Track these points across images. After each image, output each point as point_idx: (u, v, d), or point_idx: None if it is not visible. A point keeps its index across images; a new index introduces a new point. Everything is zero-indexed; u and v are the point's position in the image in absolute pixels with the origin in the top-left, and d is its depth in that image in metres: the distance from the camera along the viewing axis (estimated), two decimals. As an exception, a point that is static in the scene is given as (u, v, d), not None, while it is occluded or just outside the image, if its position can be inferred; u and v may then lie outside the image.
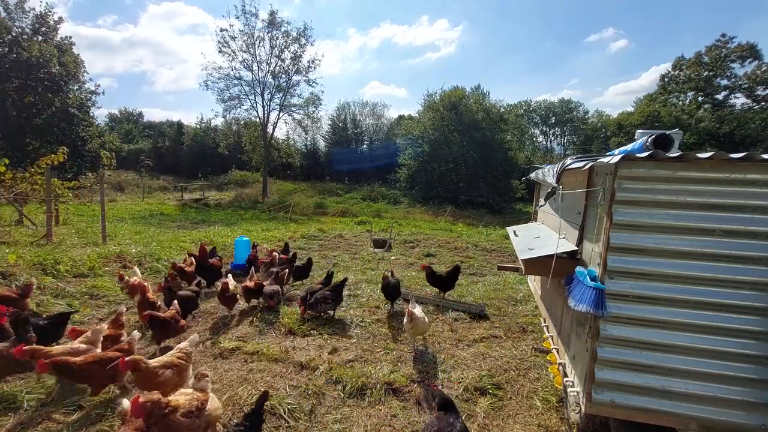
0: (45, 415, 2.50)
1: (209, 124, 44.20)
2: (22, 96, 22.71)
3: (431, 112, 31.06)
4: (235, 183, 32.89)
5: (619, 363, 2.06)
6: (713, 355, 1.97)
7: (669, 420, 2.03)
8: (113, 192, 25.49)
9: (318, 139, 43.29)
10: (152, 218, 15.87)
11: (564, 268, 2.45)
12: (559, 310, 2.98)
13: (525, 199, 29.26)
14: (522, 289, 5.40)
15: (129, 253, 6.41)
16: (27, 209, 9.92)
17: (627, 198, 2.00)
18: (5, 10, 22.81)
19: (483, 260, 7.97)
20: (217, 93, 28.91)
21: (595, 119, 51.18)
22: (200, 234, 9.53)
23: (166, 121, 52.69)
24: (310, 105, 30.38)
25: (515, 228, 4.17)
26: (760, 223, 1.90)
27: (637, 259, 2.02)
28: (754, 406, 1.94)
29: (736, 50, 33.49)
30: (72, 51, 25.26)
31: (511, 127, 35.58)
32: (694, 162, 1.92)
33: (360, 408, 2.71)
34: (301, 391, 2.88)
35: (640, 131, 2.64)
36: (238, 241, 6.62)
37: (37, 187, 8.65)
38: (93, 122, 26.66)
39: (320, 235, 10.41)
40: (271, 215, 19.37)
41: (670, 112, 33.99)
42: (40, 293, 4.50)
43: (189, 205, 23.31)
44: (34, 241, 7.62)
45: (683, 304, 1.99)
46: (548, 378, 3.13)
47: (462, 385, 3.02)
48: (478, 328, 4.14)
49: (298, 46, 28.44)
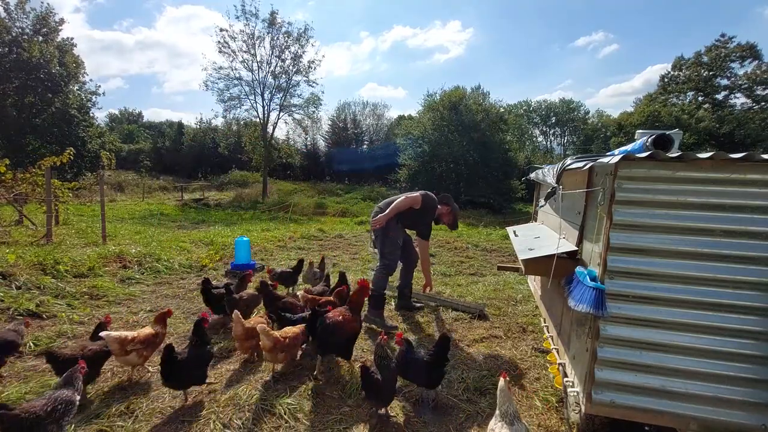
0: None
1: (209, 124, 44.19)
2: (22, 96, 22.73)
3: (431, 112, 31.03)
4: (235, 183, 32.89)
5: (619, 363, 2.06)
6: (713, 355, 1.97)
7: (669, 420, 2.03)
8: (113, 192, 25.48)
9: (318, 139, 43.35)
10: (152, 218, 15.88)
11: (564, 268, 2.45)
12: (559, 310, 2.98)
13: (525, 199, 29.26)
14: (522, 289, 5.40)
15: (129, 253, 6.41)
16: (27, 209, 9.91)
17: (627, 198, 2.00)
18: (5, 10, 22.80)
19: (483, 260, 7.97)
20: (217, 93, 28.95)
21: (595, 119, 51.15)
22: (200, 234, 9.53)
23: (166, 121, 52.69)
24: (311, 105, 30.39)
25: (515, 228, 4.17)
26: (760, 223, 1.90)
27: (637, 259, 2.02)
28: (754, 406, 1.94)
29: (736, 50, 33.50)
30: (72, 52, 25.27)
31: (511, 128, 35.57)
32: (694, 162, 1.92)
33: (360, 408, 2.71)
34: (301, 391, 2.88)
35: (640, 131, 2.63)
36: (238, 241, 6.62)
37: (38, 188, 8.66)
38: (93, 122, 26.66)
39: (320, 235, 10.41)
40: (271, 215, 19.37)
41: (670, 112, 33.97)
42: (40, 293, 4.51)
43: (189, 205, 23.32)
44: (34, 241, 7.62)
45: (683, 304, 1.99)
46: (548, 378, 3.13)
47: (462, 385, 3.02)
48: (478, 328, 4.14)
49: (299, 47, 28.45)
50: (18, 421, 1.86)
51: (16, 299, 4.23)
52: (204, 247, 7.88)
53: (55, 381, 2.38)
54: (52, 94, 23.05)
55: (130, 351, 2.80)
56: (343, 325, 3.00)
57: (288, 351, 2.97)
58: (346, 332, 3.01)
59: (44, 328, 3.81)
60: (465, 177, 28.41)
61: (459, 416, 2.66)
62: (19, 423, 1.86)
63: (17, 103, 22.42)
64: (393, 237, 4.17)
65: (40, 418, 1.91)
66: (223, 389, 2.88)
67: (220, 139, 41.07)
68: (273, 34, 28.07)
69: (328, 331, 2.94)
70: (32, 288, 4.59)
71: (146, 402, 2.69)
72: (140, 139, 47.68)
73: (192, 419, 2.52)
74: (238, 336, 3.08)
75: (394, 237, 4.18)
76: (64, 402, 2.02)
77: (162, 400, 2.72)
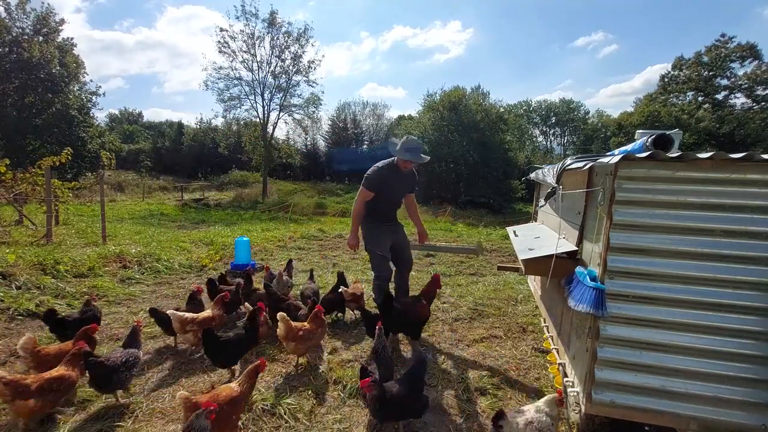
0: (46, 415, 2.50)
1: (209, 124, 44.19)
2: (23, 96, 22.73)
3: (431, 113, 31.06)
4: (235, 183, 32.90)
5: (619, 363, 2.06)
6: (713, 355, 1.97)
7: (669, 420, 2.03)
8: (113, 192, 25.47)
9: (318, 139, 43.33)
10: (152, 218, 15.88)
11: (564, 268, 2.45)
12: (559, 310, 2.98)
13: (525, 199, 29.29)
14: (522, 289, 5.40)
15: (129, 253, 6.41)
16: (27, 209, 9.91)
17: (627, 198, 2.00)
18: (6, 10, 22.80)
19: (483, 260, 7.97)
20: (217, 93, 28.94)
21: (595, 119, 51.16)
22: (200, 234, 9.53)
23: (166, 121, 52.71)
24: (311, 105, 30.38)
25: (515, 228, 4.17)
26: (760, 223, 1.90)
27: (637, 259, 2.02)
28: (754, 406, 1.94)
29: (736, 50, 33.49)
30: (73, 52, 25.25)
31: (511, 128, 35.58)
32: (694, 162, 1.92)
33: (360, 408, 2.71)
34: (301, 391, 2.88)
35: (640, 131, 2.63)
36: (238, 242, 6.62)
37: (38, 188, 8.66)
38: (93, 123, 26.67)
39: (320, 235, 10.41)
40: (271, 215, 19.37)
41: (670, 112, 33.97)
42: (40, 293, 4.51)
43: (189, 205, 23.32)
44: (34, 241, 7.62)
45: (683, 304, 1.99)
46: (548, 378, 3.13)
47: (462, 385, 3.02)
48: (478, 328, 4.14)
49: (299, 47, 28.44)
50: (104, 367, 2.51)
51: (16, 299, 4.23)
52: (204, 247, 7.88)
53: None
54: (53, 94, 23.04)
55: (189, 330, 3.21)
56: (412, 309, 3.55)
57: (299, 342, 3.09)
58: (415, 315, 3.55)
59: (44, 328, 3.80)
60: (465, 177, 28.44)
61: (459, 416, 2.66)
62: (105, 368, 2.51)
63: (17, 103, 22.41)
64: (372, 249, 3.84)
65: (117, 366, 2.55)
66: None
67: (220, 139, 41.07)
68: (273, 34, 28.08)
69: (399, 313, 3.47)
70: (32, 288, 4.59)
71: (146, 402, 2.69)
72: (140, 139, 47.67)
73: (192, 419, 2.52)
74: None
75: (372, 249, 3.83)
76: (134, 355, 2.71)
77: (162, 400, 2.72)
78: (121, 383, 2.61)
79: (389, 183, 3.75)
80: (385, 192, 3.77)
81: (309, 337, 3.17)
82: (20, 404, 2.23)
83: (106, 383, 2.54)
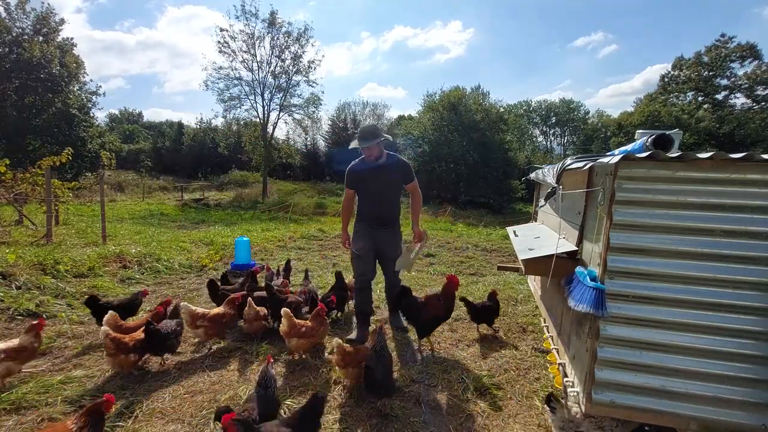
0: (46, 415, 2.50)
1: (209, 124, 44.18)
2: (23, 96, 22.73)
3: (431, 113, 31.06)
4: (235, 183, 32.90)
5: (619, 363, 2.06)
6: (713, 355, 1.97)
7: (669, 420, 2.03)
8: (113, 192, 25.47)
9: (318, 139, 43.32)
10: (152, 218, 15.88)
11: (564, 268, 2.45)
12: (559, 310, 2.97)
13: (525, 199, 29.29)
14: (522, 289, 5.39)
15: (129, 253, 6.41)
16: (27, 209, 9.92)
17: (627, 198, 2.00)
18: (6, 10, 22.80)
19: (483, 260, 7.97)
20: (217, 93, 28.95)
21: (595, 119, 51.15)
22: (200, 234, 9.53)
23: (166, 121, 52.68)
24: (311, 105, 30.39)
25: (515, 228, 4.17)
26: (760, 223, 1.90)
27: (637, 259, 2.02)
28: (754, 406, 1.94)
29: (736, 50, 33.50)
30: (73, 52, 25.25)
31: (511, 128, 35.60)
32: (694, 162, 1.92)
33: (360, 408, 2.71)
34: (301, 391, 2.88)
35: (640, 131, 2.63)
36: (238, 241, 6.62)
37: (38, 188, 8.66)
38: (93, 123, 26.67)
39: (320, 235, 10.42)
40: (271, 215, 19.36)
41: (670, 112, 33.99)
42: (40, 293, 4.50)
43: (189, 205, 23.31)
44: (34, 241, 7.62)
45: (683, 304, 1.99)
46: (548, 378, 3.13)
47: (462, 385, 3.02)
48: (478, 328, 4.14)
49: (299, 47, 28.44)
50: (158, 332, 3.00)
51: (16, 299, 4.23)
52: (204, 247, 7.88)
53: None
54: (53, 94, 23.05)
55: (199, 326, 3.30)
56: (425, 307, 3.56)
57: (301, 337, 3.15)
58: (428, 313, 3.53)
59: (44, 328, 3.80)
60: (465, 177, 28.44)
61: (459, 416, 2.66)
62: (159, 334, 2.99)
63: (17, 103, 22.41)
64: (351, 248, 3.84)
65: (169, 333, 3.06)
66: (224, 389, 2.88)
67: (220, 139, 41.05)
68: (273, 34, 28.09)
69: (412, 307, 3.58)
70: (32, 288, 4.59)
71: (146, 402, 2.69)
72: (140, 139, 47.65)
73: (192, 419, 2.53)
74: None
75: (351, 248, 3.84)
76: (180, 325, 3.23)
77: (162, 400, 2.72)
78: (172, 348, 3.11)
79: (364, 177, 3.69)
80: (365, 187, 3.73)
81: (311, 334, 3.19)
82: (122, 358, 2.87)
83: (161, 347, 3.04)
